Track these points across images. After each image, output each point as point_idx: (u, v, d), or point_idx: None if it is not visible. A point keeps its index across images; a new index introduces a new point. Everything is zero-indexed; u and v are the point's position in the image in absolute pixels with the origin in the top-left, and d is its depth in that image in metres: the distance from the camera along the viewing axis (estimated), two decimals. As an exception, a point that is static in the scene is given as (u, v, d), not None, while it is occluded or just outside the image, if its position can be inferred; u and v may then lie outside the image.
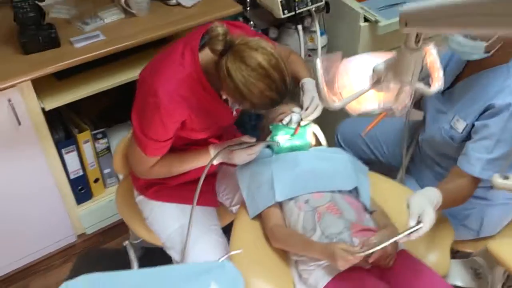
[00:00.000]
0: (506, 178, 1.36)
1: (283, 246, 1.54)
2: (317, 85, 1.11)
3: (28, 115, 1.94)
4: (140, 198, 1.81)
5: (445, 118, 1.69)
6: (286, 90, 1.36)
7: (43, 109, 1.98)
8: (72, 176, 2.28)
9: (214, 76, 1.39)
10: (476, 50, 1.47)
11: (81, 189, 2.34)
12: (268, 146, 1.78)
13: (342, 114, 2.48)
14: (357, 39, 2.37)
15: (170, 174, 1.64)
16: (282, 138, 1.71)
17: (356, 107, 1.17)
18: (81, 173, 2.30)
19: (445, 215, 1.70)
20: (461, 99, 1.64)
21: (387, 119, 2.06)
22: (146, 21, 2.11)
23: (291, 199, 1.58)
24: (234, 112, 1.63)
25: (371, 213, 1.61)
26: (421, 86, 1.12)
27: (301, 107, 1.66)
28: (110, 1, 2.17)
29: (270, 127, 1.73)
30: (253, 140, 1.62)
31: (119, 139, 2.40)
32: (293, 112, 1.74)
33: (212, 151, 1.61)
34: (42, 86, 1.98)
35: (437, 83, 1.14)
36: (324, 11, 2.35)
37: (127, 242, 1.70)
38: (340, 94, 1.14)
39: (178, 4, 2.18)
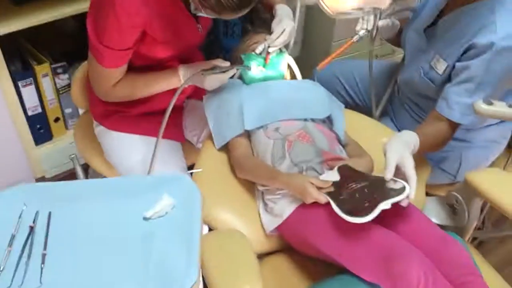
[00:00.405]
0: (490, 104, 1.27)
1: (249, 176, 1.44)
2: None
3: (-21, 38, 1.78)
4: (99, 129, 1.67)
5: (425, 57, 1.58)
6: None
7: (-3, 34, 1.82)
8: (30, 113, 2.13)
9: None
10: None
11: (40, 128, 2.20)
12: (240, 78, 1.66)
13: (321, 55, 2.44)
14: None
15: (134, 96, 1.50)
16: (254, 67, 1.59)
17: (335, 4, 1.05)
18: (39, 110, 2.15)
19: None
20: (442, 37, 1.53)
21: (364, 61, 1.96)
22: None
23: (260, 127, 1.47)
24: (200, 28, 1.50)
25: (344, 146, 1.52)
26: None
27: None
28: None
29: (242, 56, 1.61)
30: (227, 64, 1.49)
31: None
32: (266, 40, 1.63)
33: (182, 72, 1.47)
34: (-3, 10, 1.82)
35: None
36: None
37: (73, 155, 1.56)
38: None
39: None
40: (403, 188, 1.20)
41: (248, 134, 1.51)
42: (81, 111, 2.27)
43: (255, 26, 2.01)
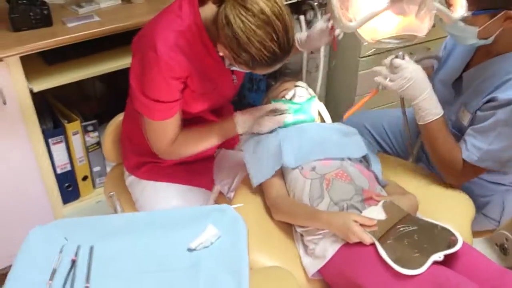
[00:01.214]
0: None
1: (286, 217, 1.40)
2: (331, 5, 1.01)
3: (15, 95, 1.83)
4: (130, 179, 1.67)
5: (452, 109, 1.59)
6: (289, 45, 1.24)
7: (31, 91, 1.86)
8: (59, 171, 2.13)
9: (213, 32, 1.29)
10: (468, 34, 1.37)
11: (68, 186, 2.19)
12: None
13: (344, 108, 2.44)
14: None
15: (194, 150, 1.50)
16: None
17: (372, 34, 1.07)
18: (69, 168, 2.16)
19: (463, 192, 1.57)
20: (468, 89, 1.54)
21: (393, 110, 1.96)
22: (143, 7, 2.06)
23: (296, 168, 1.44)
24: (235, 79, 1.53)
25: (383, 187, 1.48)
26: (442, 8, 1.02)
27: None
28: (107, -13, 2.11)
29: (272, 102, 1.62)
30: (283, 107, 1.54)
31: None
32: (297, 86, 1.65)
33: (238, 118, 1.49)
34: (31, 69, 1.88)
35: (459, 8, 1.04)
36: (326, 6, 2.30)
37: (113, 193, 1.54)
38: (354, 19, 1.04)
39: (176, -8, 2.12)
40: (456, 239, 1.18)
41: (283, 176, 1.49)
42: (108, 169, 2.28)
43: (277, 81, 2.04)
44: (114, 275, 0.93)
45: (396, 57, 1.33)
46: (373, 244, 1.19)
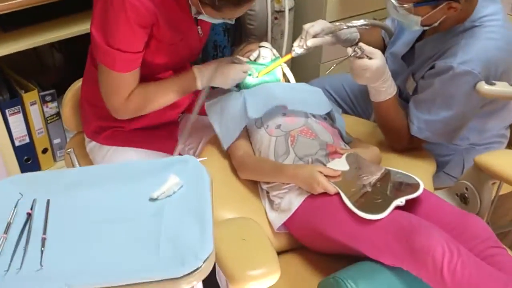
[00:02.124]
0: (492, 84, 1.27)
1: (253, 175, 1.39)
2: None
3: (-34, 64, 1.75)
4: (91, 145, 1.61)
5: (400, 78, 1.62)
6: None
7: (-16, 60, 1.79)
8: (17, 143, 2.06)
9: None
10: (412, 22, 1.40)
11: (27, 159, 2.12)
12: (236, 86, 1.65)
13: (314, 70, 2.44)
14: (324, 3, 2.31)
15: (149, 107, 1.44)
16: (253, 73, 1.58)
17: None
18: (27, 140, 2.09)
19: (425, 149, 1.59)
20: (418, 59, 1.57)
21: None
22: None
23: (261, 126, 1.44)
24: (200, 31, 1.49)
25: (347, 143, 1.49)
26: None
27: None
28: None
29: (237, 62, 1.59)
30: (245, 59, 1.52)
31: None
32: (261, 46, 1.63)
33: (197, 72, 1.44)
34: (-16, 35, 1.80)
35: None
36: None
37: (70, 149, 1.49)
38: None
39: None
40: (418, 185, 1.20)
41: (248, 136, 1.47)
42: (65, 152, 2.22)
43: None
44: (72, 226, 0.89)
45: (354, 52, 1.35)
46: (337, 194, 1.19)
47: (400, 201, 1.14)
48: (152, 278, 0.78)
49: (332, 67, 1.45)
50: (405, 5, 1.35)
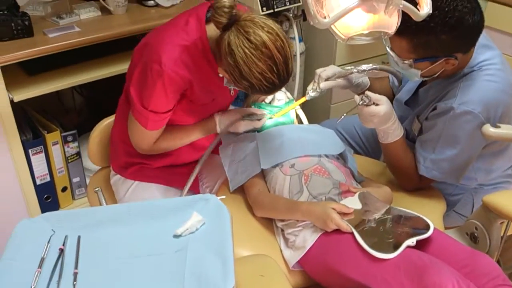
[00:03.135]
0: (497, 127, 1.33)
1: (267, 212, 1.44)
2: (305, 2, 1.08)
3: (-5, 105, 1.84)
4: (116, 178, 1.68)
5: (407, 122, 1.70)
6: (288, 76, 1.30)
7: (11, 101, 1.88)
8: (38, 182, 2.14)
9: (215, 51, 1.33)
10: (413, 74, 1.50)
11: (47, 198, 2.19)
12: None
13: (324, 112, 2.51)
14: (333, 47, 2.41)
15: (174, 147, 1.55)
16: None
17: (345, 30, 1.14)
18: (48, 179, 2.16)
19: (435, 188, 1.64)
20: (421, 104, 1.65)
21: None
22: (123, 18, 2.11)
23: (275, 166, 1.50)
24: (232, 92, 1.57)
25: (359, 182, 1.54)
26: (407, 5, 1.10)
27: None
28: (86, 0, 2.16)
29: (253, 106, 1.68)
30: (262, 112, 1.59)
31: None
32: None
33: (218, 119, 1.54)
34: (12, 79, 1.90)
35: (426, 6, 1.12)
36: (301, 18, 2.39)
37: (98, 188, 1.55)
38: (328, 17, 1.11)
39: (156, 5, 2.19)
40: (428, 226, 1.25)
41: (263, 175, 1.54)
42: (88, 181, 2.29)
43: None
44: (102, 261, 0.95)
45: (362, 100, 1.44)
46: (350, 232, 1.24)
47: (412, 241, 1.18)
48: (178, 311, 0.83)
49: (343, 117, 1.53)
50: (405, 61, 1.44)
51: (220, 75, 1.35)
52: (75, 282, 0.90)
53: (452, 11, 1.33)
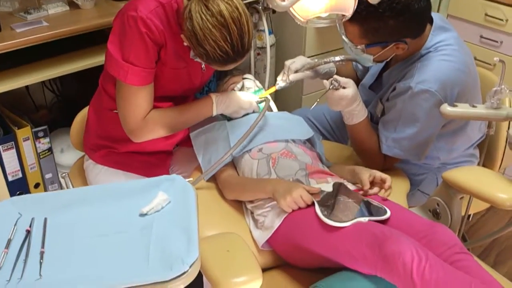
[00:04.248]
0: (454, 106, 1.38)
1: (237, 193, 1.48)
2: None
3: (-38, 102, 1.83)
4: (87, 163, 1.71)
5: (371, 105, 1.76)
6: (243, 50, 1.34)
7: (-20, 97, 1.87)
8: (10, 178, 2.13)
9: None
10: (366, 59, 1.57)
11: (20, 194, 2.18)
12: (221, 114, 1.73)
13: (296, 103, 2.55)
14: (303, 39, 2.45)
15: (169, 128, 1.53)
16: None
17: (304, 13, 1.17)
18: (20, 175, 2.15)
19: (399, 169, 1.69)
20: (384, 87, 1.71)
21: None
22: (91, 12, 2.11)
23: (244, 152, 1.53)
24: (204, 67, 1.59)
25: (327, 167, 1.58)
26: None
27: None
28: (54, -5, 2.16)
29: (221, 93, 1.70)
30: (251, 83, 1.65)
31: (63, 141, 2.32)
32: (244, 78, 1.74)
33: (214, 97, 1.56)
34: (-21, 74, 1.89)
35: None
36: (270, 10, 2.42)
37: (65, 173, 1.56)
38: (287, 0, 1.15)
39: (124, -1, 2.19)
40: (385, 211, 1.30)
41: (233, 162, 1.57)
42: (59, 176, 2.29)
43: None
44: (69, 241, 0.97)
45: (332, 84, 1.50)
46: (314, 210, 1.27)
47: (364, 219, 1.24)
48: (143, 282, 0.86)
49: (316, 103, 1.57)
50: (358, 46, 1.50)
51: (185, 43, 1.38)
52: (41, 261, 0.92)
53: None
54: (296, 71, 1.72)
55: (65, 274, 0.89)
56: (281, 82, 1.71)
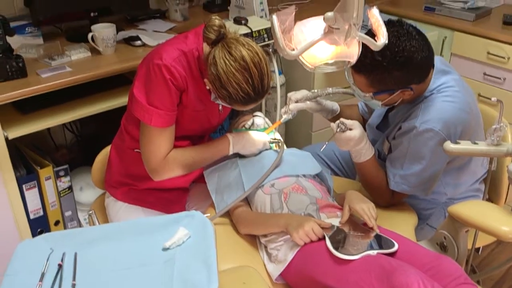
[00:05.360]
0: (457, 143, 1.46)
1: (251, 228, 1.55)
2: (274, 35, 1.22)
3: (-10, 143, 1.93)
4: (108, 200, 1.80)
5: (378, 143, 1.84)
6: (263, 91, 1.46)
7: (6, 138, 1.97)
8: (32, 216, 2.21)
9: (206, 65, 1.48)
10: (375, 105, 1.67)
11: (41, 232, 2.26)
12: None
13: (306, 139, 2.63)
14: (311, 78, 2.56)
15: (187, 167, 1.62)
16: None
17: (312, 60, 1.27)
18: (41, 213, 2.24)
19: (407, 204, 1.76)
20: (390, 126, 1.80)
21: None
22: (111, 58, 2.23)
23: (257, 188, 1.60)
24: (221, 109, 1.70)
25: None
26: (364, 36, 1.24)
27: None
28: (77, 42, 2.29)
29: (233, 131, 1.80)
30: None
31: (82, 180, 2.42)
32: (255, 116, 1.84)
33: (231, 137, 1.66)
34: (6, 118, 1.99)
35: (382, 37, 1.27)
36: (280, 53, 2.54)
37: (91, 211, 1.64)
38: (296, 49, 1.25)
39: (143, 45, 2.32)
40: (393, 244, 1.37)
41: (246, 198, 1.64)
42: (79, 214, 2.37)
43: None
44: (97, 273, 1.04)
45: (339, 127, 1.59)
46: (325, 244, 1.34)
47: (372, 252, 1.31)
48: (168, 312, 0.93)
49: (325, 146, 1.66)
50: (366, 94, 1.61)
51: (207, 87, 1.49)
52: (73, 292, 1.00)
53: (402, 51, 1.49)
54: (296, 102, 1.82)
55: (95, 305, 0.97)
56: (284, 114, 1.82)
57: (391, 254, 1.34)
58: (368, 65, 1.49)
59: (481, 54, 2.61)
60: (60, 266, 1.06)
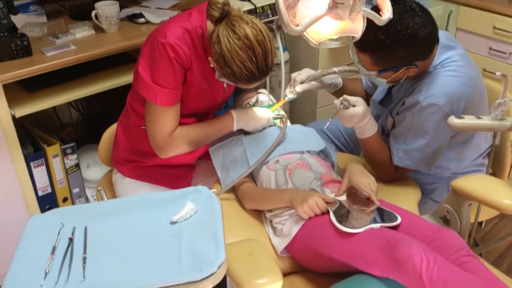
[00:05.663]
0: (461, 118, 1.47)
1: (256, 203, 1.58)
2: (278, 11, 1.22)
3: (-3, 121, 1.95)
4: (116, 176, 1.82)
5: (382, 118, 1.85)
6: (267, 69, 1.46)
7: (13, 117, 1.99)
8: (40, 193, 2.24)
9: (209, 43, 1.48)
10: (380, 82, 1.67)
11: (49, 208, 2.27)
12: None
13: (311, 116, 2.65)
14: (316, 55, 2.56)
15: (193, 144, 1.63)
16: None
17: (316, 36, 1.27)
18: (49, 190, 2.27)
19: (411, 178, 1.77)
20: (393, 101, 1.80)
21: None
22: (115, 36, 2.23)
23: (262, 164, 1.62)
24: (225, 86, 1.71)
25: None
26: (369, 11, 1.24)
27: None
28: (80, 20, 2.29)
29: (238, 108, 1.81)
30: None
31: (89, 157, 2.44)
32: (259, 92, 1.84)
33: (235, 114, 1.67)
34: (13, 96, 2.01)
35: (387, 12, 1.27)
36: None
37: (100, 187, 1.67)
38: (300, 24, 1.25)
39: (147, 22, 2.32)
40: (396, 218, 1.39)
41: (251, 174, 1.66)
42: (87, 191, 2.41)
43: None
44: (107, 246, 1.07)
45: (342, 104, 1.59)
46: (329, 218, 1.37)
47: (376, 225, 1.33)
48: (177, 282, 0.96)
49: (328, 123, 1.68)
50: (371, 73, 1.61)
51: (211, 65, 1.49)
52: (84, 265, 1.02)
53: (405, 28, 1.49)
54: (301, 82, 1.82)
55: (106, 276, 1.00)
56: (289, 94, 1.82)
57: (394, 228, 1.36)
58: (372, 43, 1.50)
59: (487, 29, 2.59)
60: (71, 239, 1.09)
